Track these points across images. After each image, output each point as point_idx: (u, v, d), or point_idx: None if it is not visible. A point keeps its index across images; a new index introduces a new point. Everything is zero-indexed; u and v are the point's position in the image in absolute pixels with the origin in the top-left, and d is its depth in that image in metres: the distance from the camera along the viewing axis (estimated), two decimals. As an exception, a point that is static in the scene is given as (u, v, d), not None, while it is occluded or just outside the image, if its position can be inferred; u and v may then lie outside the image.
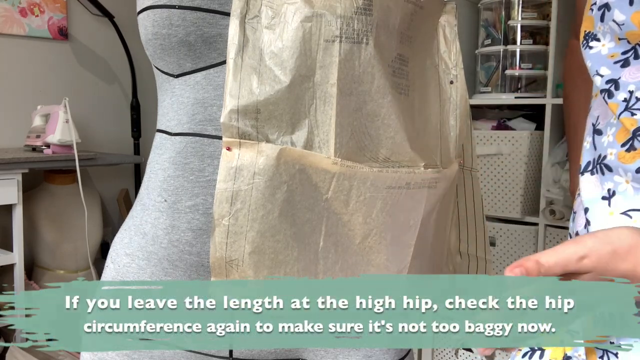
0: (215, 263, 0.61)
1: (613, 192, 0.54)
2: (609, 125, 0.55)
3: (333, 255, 0.64)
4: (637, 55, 0.51)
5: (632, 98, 0.51)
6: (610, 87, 0.53)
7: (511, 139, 1.78)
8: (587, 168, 0.58)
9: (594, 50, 0.54)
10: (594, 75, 0.54)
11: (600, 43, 0.54)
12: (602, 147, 0.55)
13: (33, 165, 1.80)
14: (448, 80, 0.74)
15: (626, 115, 0.51)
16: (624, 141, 0.52)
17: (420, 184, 0.66)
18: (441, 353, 2.03)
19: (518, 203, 1.79)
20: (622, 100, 0.52)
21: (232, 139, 0.58)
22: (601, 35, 0.54)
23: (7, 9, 2.08)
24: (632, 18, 0.49)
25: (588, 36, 0.55)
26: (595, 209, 0.56)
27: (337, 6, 0.59)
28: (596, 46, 0.54)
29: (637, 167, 0.51)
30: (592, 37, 0.55)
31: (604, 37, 0.53)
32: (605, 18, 0.52)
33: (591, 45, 0.55)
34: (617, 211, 0.55)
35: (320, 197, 0.61)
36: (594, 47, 0.54)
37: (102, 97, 2.40)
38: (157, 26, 0.61)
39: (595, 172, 0.56)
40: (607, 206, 0.54)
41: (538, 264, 0.44)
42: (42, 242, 2.05)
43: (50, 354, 1.80)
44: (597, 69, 0.54)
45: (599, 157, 0.56)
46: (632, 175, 0.51)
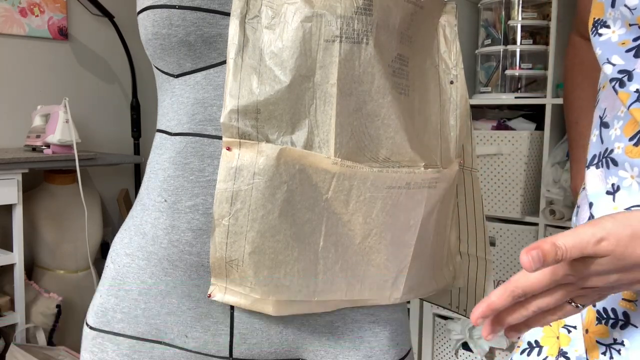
0: (215, 263, 0.61)
1: (617, 187, 0.53)
2: (616, 118, 0.53)
3: (333, 255, 0.64)
4: None
5: None
6: (623, 77, 0.50)
7: (511, 139, 1.78)
8: (592, 161, 0.56)
9: (603, 37, 0.52)
10: (604, 63, 0.52)
11: (610, 30, 0.52)
12: (609, 140, 0.54)
13: (33, 165, 1.80)
14: (448, 80, 0.74)
15: (637, 106, 0.49)
16: (632, 135, 0.50)
17: (421, 184, 0.66)
18: (441, 353, 2.04)
19: (518, 203, 1.79)
20: (634, 91, 0.50)
21: (232, 139, 0.58)
22: (611, 22, 0.52)
23: (7, 9, 2.08)
24: None
25: (597, 23, 0.53)
26: (600, 203, 0.54)
27: (337, 6, 0.59)
28: (606, 33, 0.52)
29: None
30: (601, 24, 0.53)
31: (614, 24, 0.51)
32: (617, 3, 0.50)
33: (600, 33, 0.52)
34: (621, 207, 0.53)
35: (320, 197, 0.61)
36: (604, 34, 0.52)
37: (102, 97, 2.40)
38: (157, 26, 0.61)
39: (600, 165, 0.55)
40: (611, 201, 0.53)
41: (555, 247, 0.42)
42: (42, 242, 2.05)
43: (50, 354, 1.80)
44: (609, 57, 0.52)
45: (606, 150, 0.54)
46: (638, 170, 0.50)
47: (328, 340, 0.70)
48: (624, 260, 0.42)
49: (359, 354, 0.71)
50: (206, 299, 0.65)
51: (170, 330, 0.67)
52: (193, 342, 0.67)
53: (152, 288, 0.66)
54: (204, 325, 0.66)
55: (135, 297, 0.67)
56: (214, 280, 0.62)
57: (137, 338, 0.67)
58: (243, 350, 0.67)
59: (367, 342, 0.71)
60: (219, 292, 0.62)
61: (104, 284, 0.70)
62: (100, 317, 0.69)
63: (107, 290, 0.69)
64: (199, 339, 0.67)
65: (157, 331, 0.67)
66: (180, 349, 0.67)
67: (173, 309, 0.66)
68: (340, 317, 0.70)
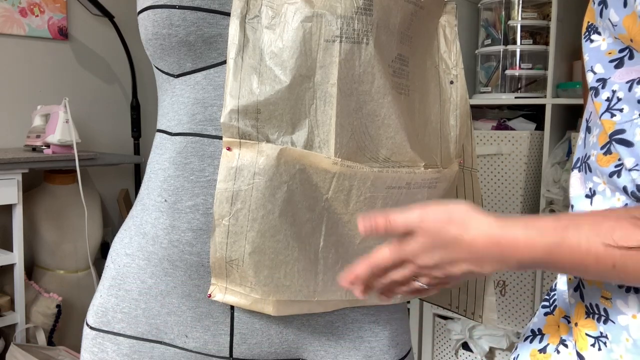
0: (216, 263, 0.61)
1: (594, 191, 0.55)
2: (595, 125, 0.56)
3: (334, 255, 0.64)
4: (631, 56, 0.51)
5: (614, 98, 0.52)
6: (598, 85, 0.53)
7: (511, 139, 1.78)
8: (576, 164, 0.59)
9: (594, 44, 0.54)
10: (588, 70, 0.55)
11: (601, 37, 0.54)
12: (589, 146, 0.56)
13: (33, 165, 1.80)
14: (448, 80, 0.74)
15: (606, 117, 0.52)
16: (603, 144, 0.53)
17: (421, 184, 0.66)
18: (441, 353, 2.04)
19: (518, 203, 1.79)
20: (605, 99, 0.52)
21: (233, 139, 0.58)
22: (601, 30, 0.54)
23: (7, 9, 2.08)
24: (624, 21, 0.50)
25: (590, 28, 0.55)
26: (579, 206, 0.57)
27: (337, 6, 0.59)
28: (597, 40, 0.54)
29: (610, 171, 0.52)
30: (594, 29, 0.55)
31: (604, 32, 0.54)
32: (603, 15, 0.52)
33: (592, 39, 0.55)
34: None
35: (320, 197, 0.61)
36: (595, 40, 0.54)
37: (102, 97, 2.40)
38: (158, 26, 0.61)
39: (581, 169, 0.58)
40: (589, 204, 0.56)
41: (387, 221, 0.52)
42: (42, 242, 2.05)
43: (50, 354, 1.80)
44: (592, 65, 0.54)
45: (585, 155, 0.57)
46: (607, 178, 0.53)
47: (328, 340, 0.70)
48: (440, 239, 0.50)
49: (359, 354, 0.71)
50: (206, 299, 0.65)
51: (170, 330, 0.67)
52: (193, 342, 0.67)
53: (152, 288, 0.66)
54: (204, 325, 0.66)
55: (136, 297, 0.67)
56: (214, 280, 0.62)
57: (137, 338, 0.67)
58: (243, 350, 0.67)
59: (367, 342, 0.71)
60: (219, 292, 0.62)
61: (104, 284, 0.70)
62: (101, 317, 0.69)
63: (107, 290, 0.69)
64: (199, 339, 0.67)
65: (157, 331, 0.67)
66: (181, 349, 0.67)
67: (173, 309, 0.66)
68: (340, 317, 0.70)
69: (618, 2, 0.50)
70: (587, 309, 0.55)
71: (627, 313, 0.51)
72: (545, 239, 0.47)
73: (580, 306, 0.56)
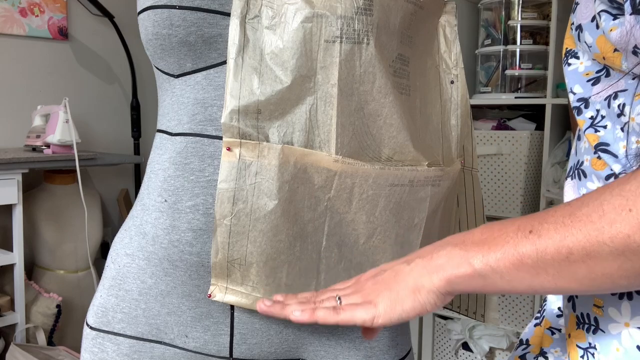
0: (217, 263, 0.61)
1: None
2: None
3: (336, 255, 0.64)
4: (608, 74, 0.53)
5: (598, 116, 0.54)
6: (580, 105, 0.55)
7: (511, 139, 1.78)
8: (569, 173, 0.60)
9: (571, 67, 0.57)
10: (569, 92, 0.57)
11: (579, 61, 0.56)
12: (580, 152, 0.57)
13: (33, 165, 1.80)
14: (449, 80, 0.74)
15: (590, 132, 0.54)
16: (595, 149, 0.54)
17: (424, 182, 0.66)
18: (441, 353, 2.04)
19: (518, 203, 1.80)
20: (589, 117, 0.54)
21: (233, 139, 0.58)
22: (580, 54, 0.56)
23: (7, 9, 2.08)
24: (597, 41, 0.52)
25: (568, 53, 0.58)
26: None
27: (337, 6, 0.59)
28: (574, 63, 0.56)
29: (607, 174, 0.52)
30: (572, 54, 0.57)
31: (583, 55, 0.56)
32: (581, 39, 0.55)
33: (570, 63, 0.57)
34: None
35: (322, 197, 0.61)
36: (572, 64, 0.57)
37: (102, 97, 2.40)
38: (158, 26, 0.61)
39: (574, 177, 0.58)
40: None
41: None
42: (42, 242, 2.05)
43: (50, 354, 1.80)
44: (572, 87, 0.56)
45: (578, 162, 0.58)
46: (603, 182, 0.53)
47: (328, 340, 0.70)
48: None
49: (359, 354, 0.71)
50: (206, 299, 0.65)
51: (170, 330, 0.67)
52: (193, 342, 0.67)
53: (152, 288, 0.66)
54: (204, 325, 0.66)
55: (136, 297, 0.67)
56: (214, 280, 0.62)
57: (137, 338, 0.67)
58: (243, 350, 0.67)
59: (367, 342, 0.71)
60: (219, 292, 0.62)
61: (104, 284, 0.70)
62: (101, 317, 0.69)
63: (108, 291, 0.69)
64: (199, 339, 0.67)
65: (157, 331, 0.67)
66: (181, 349, 0.67)
67: (173, 309, 0.66)
68: (341, 317, 0.70)
69: (591, 25, 0.52)
70: (578, 319, 0.55)
71: (620, 321, 0.51)
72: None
73: (573, 317, 0.56)
